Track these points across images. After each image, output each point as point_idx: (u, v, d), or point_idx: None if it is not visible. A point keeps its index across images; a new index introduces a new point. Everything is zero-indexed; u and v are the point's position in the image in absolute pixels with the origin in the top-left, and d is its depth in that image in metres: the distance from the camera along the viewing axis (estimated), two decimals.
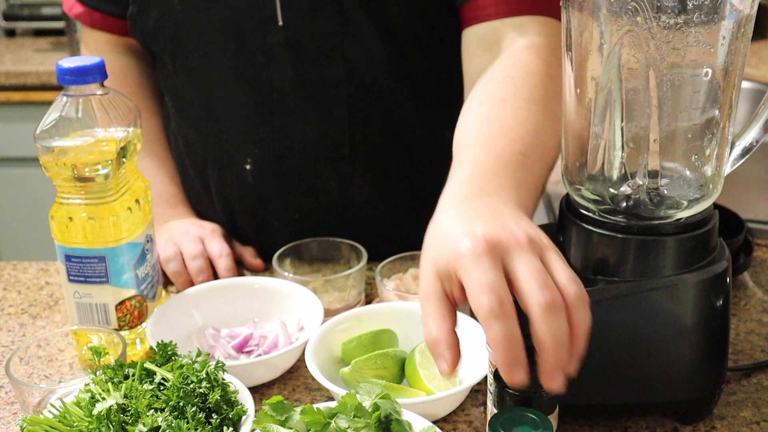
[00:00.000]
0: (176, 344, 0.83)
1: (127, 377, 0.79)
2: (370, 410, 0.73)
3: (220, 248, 1.11)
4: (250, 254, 1.16)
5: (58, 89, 1.02)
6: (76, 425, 0.73)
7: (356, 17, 1.04)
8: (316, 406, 0.74)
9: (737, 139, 0.79)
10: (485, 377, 0.78)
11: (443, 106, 1.13)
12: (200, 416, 0.74)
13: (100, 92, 0.88)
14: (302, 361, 0.90)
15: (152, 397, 0.75)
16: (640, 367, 0.77)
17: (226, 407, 0.76)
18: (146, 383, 0.76)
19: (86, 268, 0.89)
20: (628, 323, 0.75)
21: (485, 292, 0.64)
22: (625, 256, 0.75)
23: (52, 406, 0.76)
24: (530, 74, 0.93)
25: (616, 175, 0.76)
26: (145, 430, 0.72)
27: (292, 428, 0.73)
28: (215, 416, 0.75)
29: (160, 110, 1.25)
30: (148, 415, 0.73)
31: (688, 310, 0.75)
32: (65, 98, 0.88)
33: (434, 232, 0.71)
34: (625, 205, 0.76)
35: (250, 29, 1.06)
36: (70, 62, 0.87)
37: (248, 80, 1.08)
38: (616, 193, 0.76)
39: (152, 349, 0.83)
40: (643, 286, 0.75)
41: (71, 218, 0.88)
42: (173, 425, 0.72)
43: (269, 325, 0.97)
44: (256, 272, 1.14)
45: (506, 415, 0.65)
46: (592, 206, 0.77)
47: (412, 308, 0.93)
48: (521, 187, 0.80)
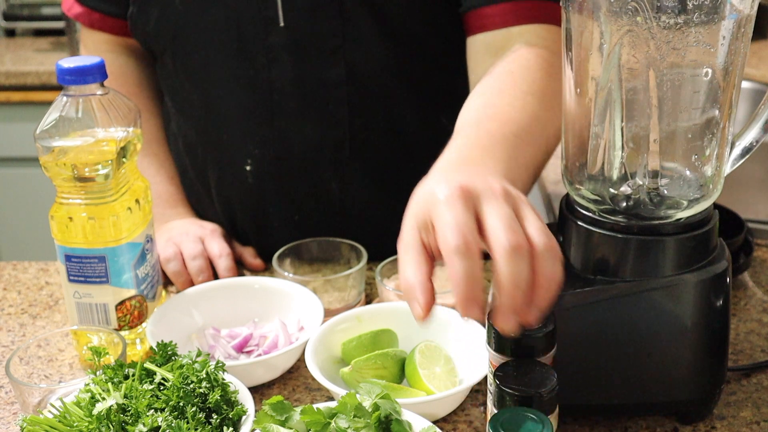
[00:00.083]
0: (176, 344, 0.83)
1: (127, 377, 0.79)
2: (370, 410, 0.73)
3: (220, 248, 1.11)
4: (250, 254, 1.16)
5: (58, 89, 1.02)
6: (76, 425, 0.73)
7: (357, 18, 1.04)
8: (316, 406, 0.74)
9: (737, 139, 0.79)
10: (485, 377, 0.78)
11: (444, 107, 1.13)
12: (200, 416, 0.74)
13: (100, 92, 0.88)
14: (302, 361, 0.90)
15: (152, 397, 0.75)
16: (640, 367, 0.77)
17: (226, 407, 0.76)
18: (146, 383, 0.76)
19: (86, 268, 0.89)
20: (628, 323, 0.75)
21: (452, 230, 0.66)
22: (625, 256, 0.75)
23: (52, 406, 0.76)
24: (530, 70, 0.94)
25: (616, 175, 0.76)
26: (145, 430, 0.72)
27: (292, 428, 0.73)
28: (215, 416, 0.75)
29: (159, 110, 1.25)
30: (148, 415, 0.73)
31: (688, 310, 0.75)
32: (65, 98, 0.88)
33: (418, 191, 0.73)
34: (625, 205, 0.76)
35: (251, 30, 1.05)
36: (70, 62, 0.87)
37: (249, 81, 1.08)
38: (616, 193, 0.76)
39: (152, 349, 0.83)
40: (643, 286, 0.75)
41: (71, 218, 0.88)
42: (173, 425, 0.72)
43: (269, 325, 0.97)
44: (256, 272, 1.14)
45: (506, 415, 0.65)
46: (592, 206, 0.77)
47: None
48: (510, 162, 0.82)
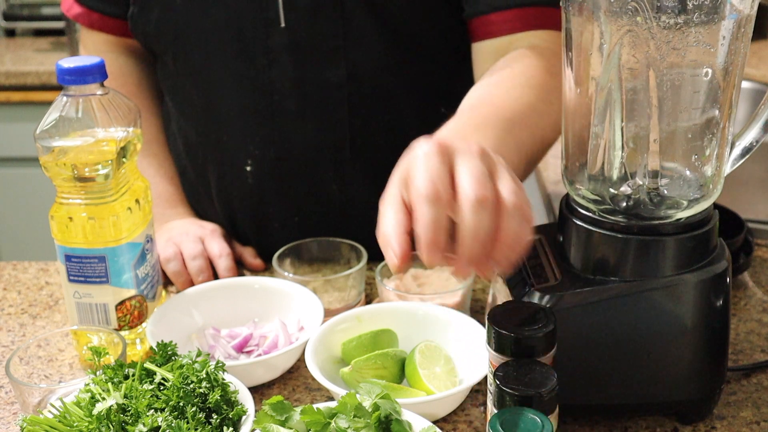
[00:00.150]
0: (176, 344, 0.83)
1: (127, 377, 0.79)
2: (370, 410, 0.73)
3: (220, 248, 1.11)
4: (250, 254, 1.16)
5: (58, 89, 1.02)
6: (76, 425, 0.73)
7: (358, 19, 1.04)
8: (316, 406, 0.74)
9: (737, 139, 0.79)
10: (485, 377, 0.78)
11: (445, 107, 1.13)
12: (200, 416, 0.74)
13: (100, 92, 0.88)
14: (302, 361, 0.90)
15: (152, 397, 0.75)
16: (640, 367, 0.77)
17: (226, 407, 0.76)
18: (146, 383, 0.76)
19: (86, 268, 0.89)
20: (628, 323, 0.75)
21: (423, 179, 0.68)
22: (625, 256, 0.75)
23: (52, 406, 0.75)
24: (530, 66, 0.97)
25: (616, 175, 0.76)
26: (145, 430, 0.72)
27: (292, 428, 0.73)
28: (215, 416, 0.75)
29: (159, 110, 1.25)
30: (148, 415, 0.73)
31: (688, 310, 0.75)
32: (65, 98, 0.88)
33: (405, 155, 0.75)
34: (625, 205, 0.76)
35: (251, 30, 1.05)
36: (70, 62, 0.87)
37: (249, 81, 1.08)
38: (616, 193, 0.76)
39: (152, 349, 0.83)
40: (643, 286, 0.75)
41: (71, 218, 0.88)
42: (173, 425, 0.72)
43: (269, 325, 0.97)
44: (256, 272, 1.14)
45: (506, 415, 0.65)
46: (592, 206, 0.77)
47: (412, 308, 0.93)
48: (500, 141, 0.84)
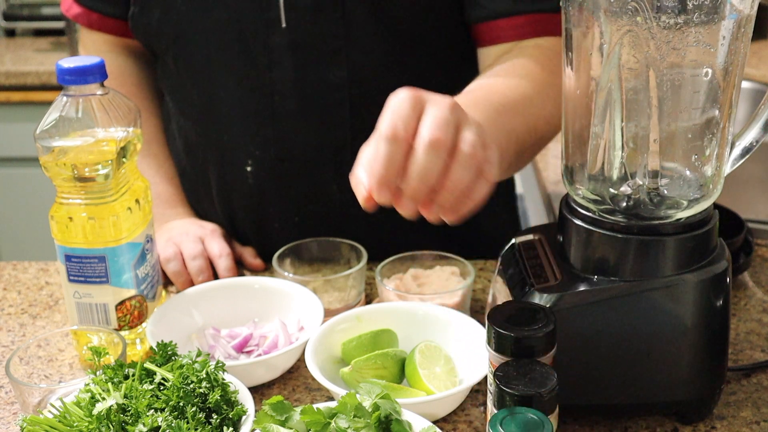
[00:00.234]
0: (176, 344, 0.83)
1: (127, 377, 0.79)
2: (370, 410, 0.73)
3: (220, 248, 1.11)
4: (250, 254, 1.16)
5: (58, 89, 1.02)
6: (76, 425, 0.73)
7: (360, 20, 1.04)
8: (316, 406, 0.74)
9: (737, 139, 0.79)
10: (485, 377, 0.78)
11: None
12: (200, 416, 0.74)
13: (100, 92, 0.88)
14: (302, 361, 0.90)
15: (152, 397, 0.75)
16: (640, 367, 0.77)
17: (226, 407, 0.76)
18: (146, 383, 0.76)
19: (86, 268, 0.89)
20: (628, 323, 0.75)
21: (387, 120, 0.70)
22: (625, 256, 0.75)
23: (52, 406, 0.76)
24: (529, 61, 0.98)
25: (616, 175, 0.76)
26: (145, 430, 0.72)
27: (292, 428, 0.73)
28: (215, 416, 0.75)
29: (158, 111, 1.25)
30: (148, 415, 0.73)
31: (688, 310, 0.75)
32: (65, 98, 0.88)
33: None
34: (625, 205, 0.76)
35: (253, 31, 1.05)
36: (70, 62, 0.87)
37: (250, 82, 1.08)
38: (616, 193, 0.76)
39: (152, 349, 0.83)
40: (643, 286, 0.75)
41: (71, 218, 0.88)
42: (173, 425, 0.72)
43: (269, 325, 0.97)
44: (256, 272, 1.14)
45: (506, 415, 0.65)
46: (592, 206, 0.77)
47: (412, 308, 0.93)
48: (489, 120, 0.84)
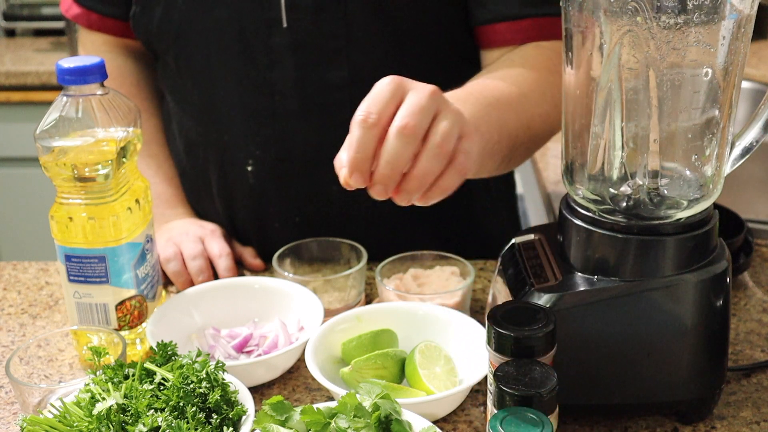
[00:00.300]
0: (176, 344, 0.83)
1: (127, 377, 0.79)
2: (370, 410, 0.73)
3: (220, 248, 1.11)
4: (250, 254, 1.16)
5: (58, 89, 1.02)
6: (76, 425, 0.73)
7: (361, 20, 1.04)
8: (316, 406, 0.74)
9: (737, 139, 0.79)
10: (485, 377, 0.78)
11: None
12: (200, 416, 0.74)
13: (100, 92, 0.88)
14: (302, 361, 0.90)
15: (152, 397, 0.75)
16: (640, 367, 0.77)
17: (226, 407, 0.76)
18: (146, 383, 0.76)
19: (86, 268, 0.89)
20: (628, 323, 0.75)
21: (364, 105, 0.71)
22: (625, 256, 0.75)
23: (52, 406, 0.76)
24: (527, 59, 0.99)
25: (616, 175, 0.76)
26: (145, 430, 0.72)
27: (292, 428, 0.73)
28: (215, 416, 0.75)
29: (158, 111, 1.25)
30: (148, 415, 0.73)
31: (688, 310, 0.75)
32: (65, 98, 0.88)
33: None
34: (625, 205, 0.76)
35: (254, 30, 1.05)
36: (70, 62, 0.87)
37: (251, 82, 1.08)
38: (616, 193, 0.76)
39: (152, 349, 0.83)
40: (643, 286, 0.75)
41: (71, 218, 0.88)
42: (173, 425, 0.72)
43: (269, 325, 0.97)
44: (256, 272, 1.14)
45: (506, 415, 0.65)
46: (592, 206, 0.77)
47: (412, 308, 0.93)
48: (480, 112, 0.85)
